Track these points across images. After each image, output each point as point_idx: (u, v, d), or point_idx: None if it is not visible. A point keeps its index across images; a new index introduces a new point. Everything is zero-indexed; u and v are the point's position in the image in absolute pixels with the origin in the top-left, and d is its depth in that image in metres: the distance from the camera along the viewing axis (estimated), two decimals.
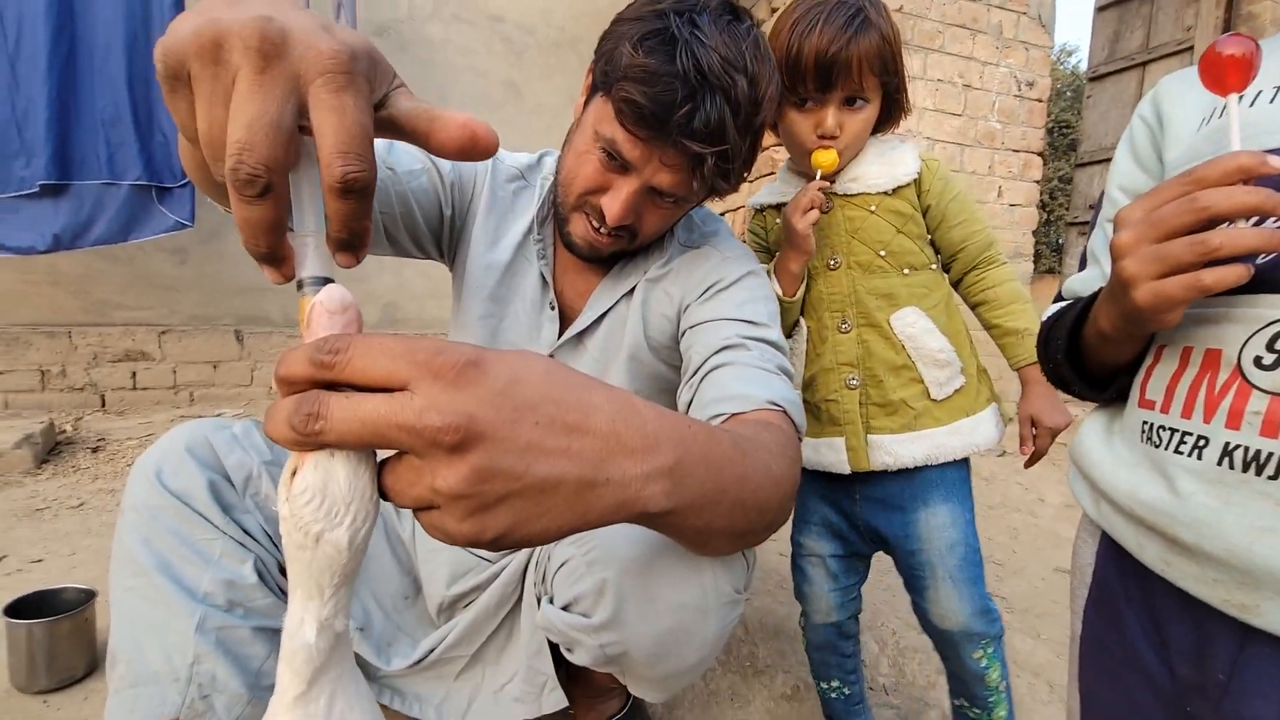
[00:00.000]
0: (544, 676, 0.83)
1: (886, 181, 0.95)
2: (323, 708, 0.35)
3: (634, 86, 0.68)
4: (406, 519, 0.96)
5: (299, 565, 0.34)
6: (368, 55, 0.35)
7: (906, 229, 0.96)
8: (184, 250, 3.03)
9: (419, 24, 3.39)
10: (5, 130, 2.34)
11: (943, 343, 0.94)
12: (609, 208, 0.76)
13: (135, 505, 0.73)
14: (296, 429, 0.31)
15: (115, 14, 2.38)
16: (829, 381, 0.98)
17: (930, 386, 0.94)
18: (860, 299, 0.96)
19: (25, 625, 1.03)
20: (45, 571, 1.49)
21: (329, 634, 0.35)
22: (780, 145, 2.88)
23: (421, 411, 0.31)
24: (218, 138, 0.32)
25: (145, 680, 0.67)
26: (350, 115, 0.32)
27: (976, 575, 0.94)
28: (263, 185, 0.31)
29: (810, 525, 1.04)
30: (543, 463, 0.35)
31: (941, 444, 0.93)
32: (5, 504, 1.88)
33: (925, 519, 0.94)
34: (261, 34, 0.31)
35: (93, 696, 1.05)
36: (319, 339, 0.33)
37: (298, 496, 0.32)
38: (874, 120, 0.94)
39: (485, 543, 0.35)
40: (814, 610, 1.05)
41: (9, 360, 2.74)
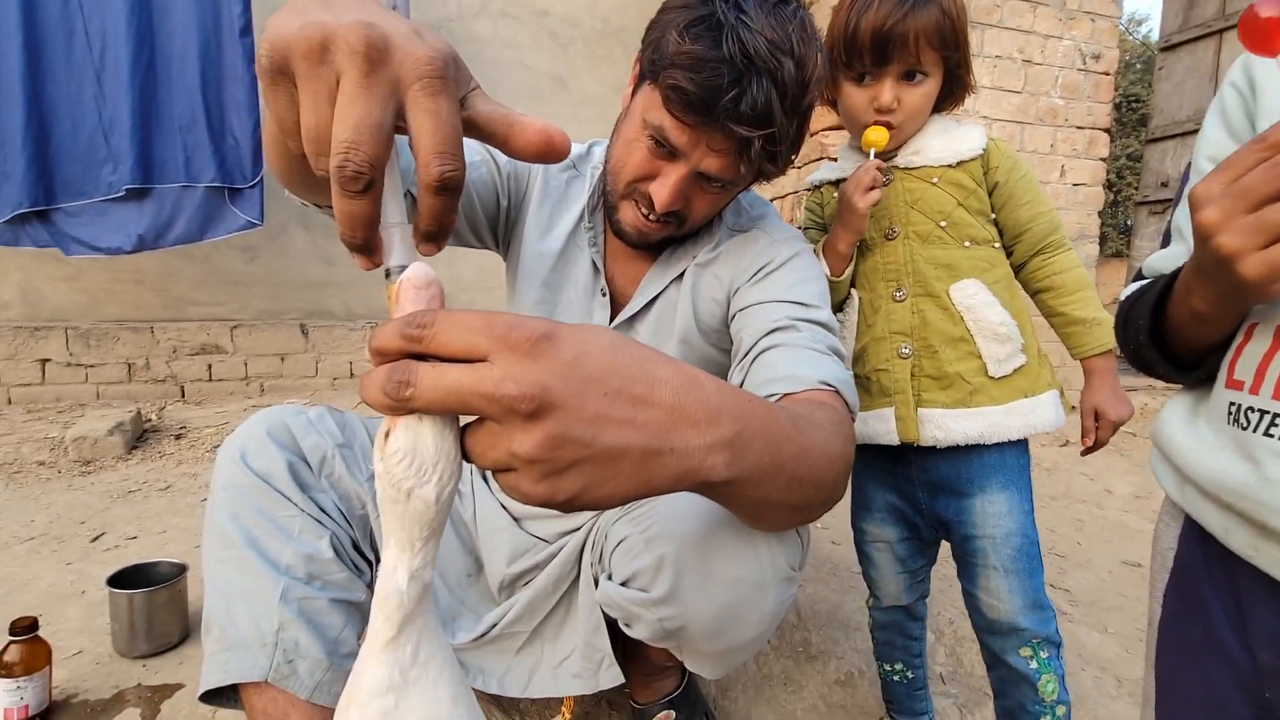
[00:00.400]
0: (601, 653, 0.85)
1: (950, 155, 0.93)
2: (409, 653, 0.38)
3: (680, 73, 0.69)
4: (468, 502, 1.00)
5: (392, 518, 0.37)
6: (455, 60, 0.37)
7: (968, 203, 0.93)
8: (253, 248, 3.19)
9: (467, 21, 3.46)
10: (93, 138, 2.51)
11: (1004, 316, 0.91)
12: (657, 194, 0.78)
13: (224, 484, 0.79)
14: (389, 395, 0.34)
15: (189, 24, 2.52)
16: (880, 351, 0.95)
17: (989, 362, 0.91)
18: (918, 268, 0.94)
19: (127, 595, 1.12)
20: (140, 547, 1.61)
21: (418, 583, 0.38)
22: (828, 131, 2.83)
23: (500, 381, 0.34)
24: (322, 134, 0.34)
25: (237, 644, 0.72)
26: (445, 118, 0.35)
27: (1033, 569, 0.91)
28: (366, 182, 0.34)
29: (872, 512, 1.02)
30: (610, 432, 0.37)
31: (997, 423, 0.90)
32: (101, 486, 2.04)
33: (981, 505, 0.92)
34: (366, 39, 0.33)
35: (186, 662, 1.13)
36: (408, 314, 0.36)
37: (391, 456, 0.35)
38: (935, 96, 0.92)
39: (557, 504, 0.38)
40: (882, 594, 1.04)
41: (100, 354, 2.95)
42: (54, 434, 2.38)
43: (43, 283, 2.92)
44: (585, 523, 0.90)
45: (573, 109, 3.67)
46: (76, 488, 2.03)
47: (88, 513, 1.83)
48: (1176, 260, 0.56)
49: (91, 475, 2.14)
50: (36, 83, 2.43)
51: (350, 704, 0.38)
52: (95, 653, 1.15)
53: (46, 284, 2.93)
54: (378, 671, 0.37)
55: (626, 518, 0.76)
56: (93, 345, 2.93)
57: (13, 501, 1.90)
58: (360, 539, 0.86)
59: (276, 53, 0.34)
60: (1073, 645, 1.36)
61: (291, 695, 0.72)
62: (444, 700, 0.39)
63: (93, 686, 1.06)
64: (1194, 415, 0.54)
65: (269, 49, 0.34)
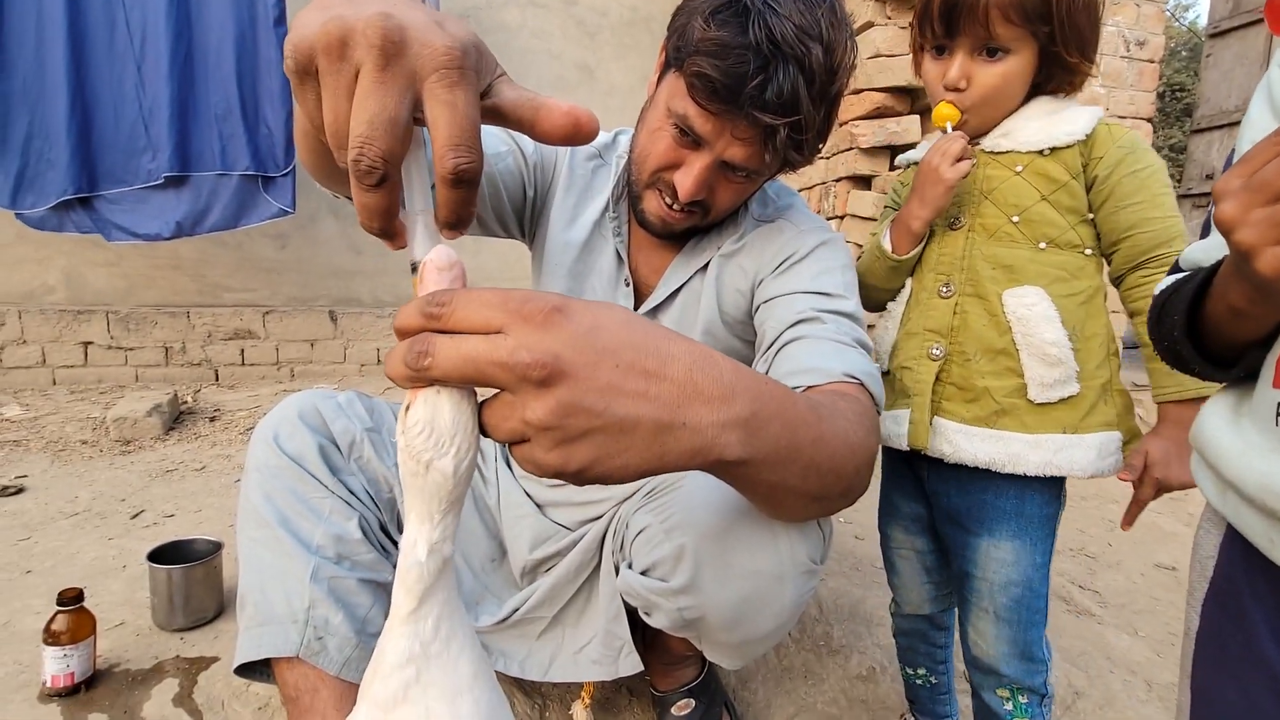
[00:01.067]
0: (621, 641, 0.86)
1: (1042, 140, 0.82)
2: (430, 627, 0.39)
3: (705, 60, 0.68)
4: (492, 488, 1.02)
5: (412, 491, 0.38)
6: (476, 49, 0.37)
7: (1055, 197, 0.81)
8: (284, 235, 3.25)
9: (496, 10, 3.46)
10: (134, 127, 2.58)
11: (1059, 335, 0.79)
12: (681, 184, 0.77)
13: (257, 465, 0.81)
14: (409, 365, 0.36)
15: (225, 15, 2.57)
16: (909, 347, 0.88)
17: (1030, 384, 0.80)
18: (973, 265, 0.84)
19: (165, 570, 1.16)
20: (177, 525, 1.67)
21: (437, 557, 0.39)
22: (858, 120, 2.77)
23: (513, 350, 0.35)
24: (342, 129, 0.34)
25: (270, 620, 0.75)
26: (461, 110, 0.35)
27: (1030, 620, 0.84)
28: (380, 176, 0.34)
29: (896, 520, 0.98)
30: (621, 403, 0.38)
31: (1016, 454, 0.80)
32: (140, 466, 2.11)
33: (986, 548, 0.84)
34: (383, 32, 0.33)
35: (221, 636, 1.17)
36: (428, 294, 0.37)
37: (411, 428, 0.37)
38: (1023, 77, 0.81)
39: (569, 474, 0.38)
40: (905, 601, 1.00)
41: (139, 338, 3.04)
42: (96, 414, 2.46)
43: (85, 268, 3.02)
44: (607, 511, 0.91)
45: (600, 98, 3.66)
46: (117, 466, 2.10)
47: (128, 490, 1.90)
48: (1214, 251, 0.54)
49: (131, 454, 2.22)
50: (80, 74, 2.50)
51: (374, 676, 0.40)
52: (136, 624, 1.19)
53: (89, 269, 3.02)
54: (399, 644, 0.39)
55: (647, 507, 0.76)
56: (132, 329, 3.02)
57: (58, 478, 1.98)
58: (387, 521, 0.87)
59: (300, 53, 0.35)
60: (1101, 647, 1.34)
61: (321, 671, 0.74)
62: (464, 674, 0.40)
63: (134, 657, 1.10)
64: (1237, 416, 0.52)
65: (292, 50, 0.35)
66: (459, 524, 0.40)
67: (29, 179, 2.52)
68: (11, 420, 2.44)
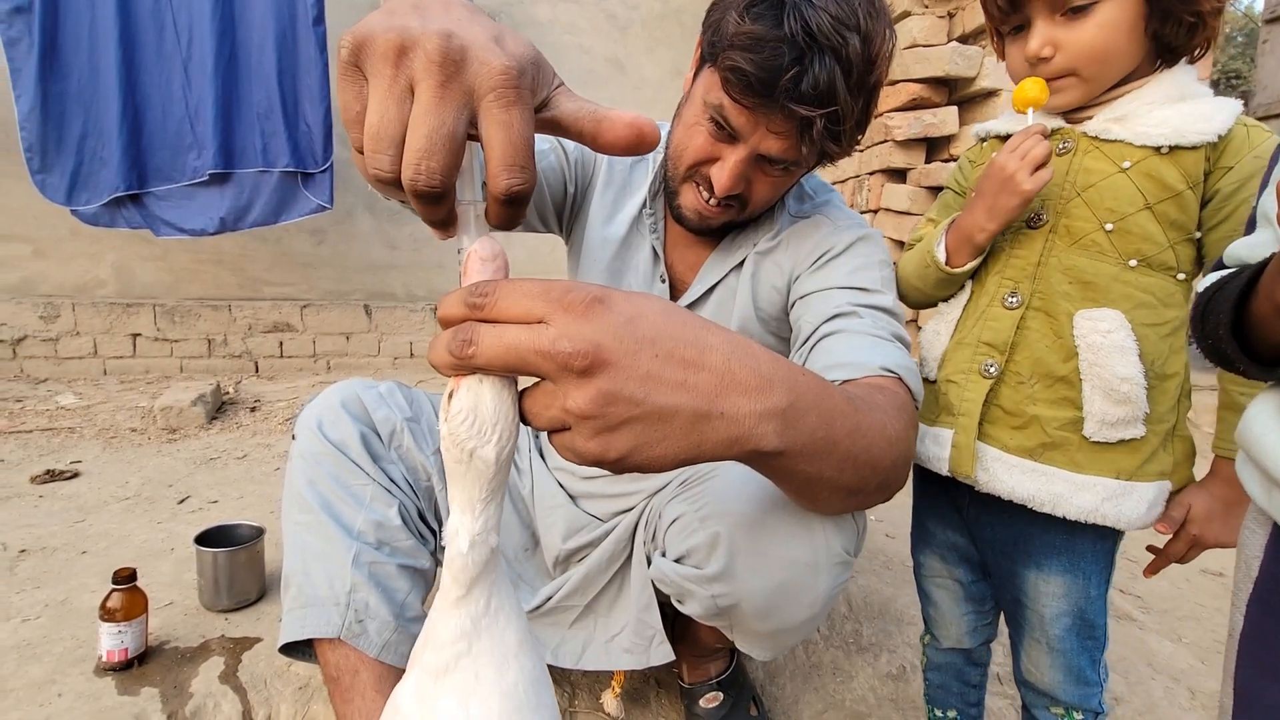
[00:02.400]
0: (652, 630, 0.87)
1: (1167, 134, 0.67)
2: (481, 605, 0.41)
3: (740, 54, 0.68)
4: (526, 479, 1.03)
5: (455, 479, 0.39)
6: (533, 65, 0.37)
7: (1161, 208, 0.68)
8: (321, 231, 3.32)
9: (528, 6, 3.48)
10: (180, 126, 2.66)
11: (1135, 372, 0.68)
12: (718, 178, 0.77)
13: (301, 452, 0.84)
14: (453, 353, 0.37)
15: (266, 16, 2.63)
16: (959, 358, 0.79)
17: (1088, 419, 0.70)
18: (1048, 275, 0.73)
19: (211, 553, 1.20)
20: (221, 510, 1.72)
21: (481, 549, 0.40)
22: (893, 113, 2.72)
23: (555, 339, 0.36)
24: (385, 132, 0.34)
25: (313, 602, 0.77)
26: (516, 130, 0.35)
27: (1084, 647, 0.78)
28: (437, 195, 0.35)
29: (933, 546, 0.91)
30: (661, 392, 0.38)
31: (1059, 495, 0.71)
32: (186, 453, 2.19)
33: (1035, 580, 0.79)
34: (444, 50, 0.34)
35: (264, 618, 1.21)
36: (472, 284, 0.38)
37: (454, 416, 0.38)
38: (1125, 27, 0.66)
39: (609, 463, 0.39)
40: (942, 634, 0.92)
41: (184, 330, 3.14)
42: (144, 403, 2.56)
43: (134, 262, 3.13)
44: (639, 503, 0.91)
45: (631, 92, 3.66)
46: (164, 453, 2.18)
47: (174, 477, 1.97)
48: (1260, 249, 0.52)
49: (177, 442, 2.30)
50: (131, 75, 2.59)
51: (426, 647, 0.41)
52: (184, 605, 1.24)
53: (137, 263, 3.14)
54: (451, 622, 0.40)
55: (681, 496, 0.76)
56: (177, 321, 3.13)
57: (110, 464, 2.06)
58: (425, 509, 0.89)
59: (356, 46, 0.35)
60: (1142, 654, 1.30)
61: (362, 653, 0.76)
62: (511, 643, 0.41)
63: (182, 635, 1.15)
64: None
65: (351, 41, 0.35)
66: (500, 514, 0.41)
67: (83, 177, 2.62)
68: (67, 408, 2.55)
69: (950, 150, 2.58)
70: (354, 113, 0.37)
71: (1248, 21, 9.23)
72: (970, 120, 2.56)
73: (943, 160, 2.60)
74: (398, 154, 0.34)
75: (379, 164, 0.35)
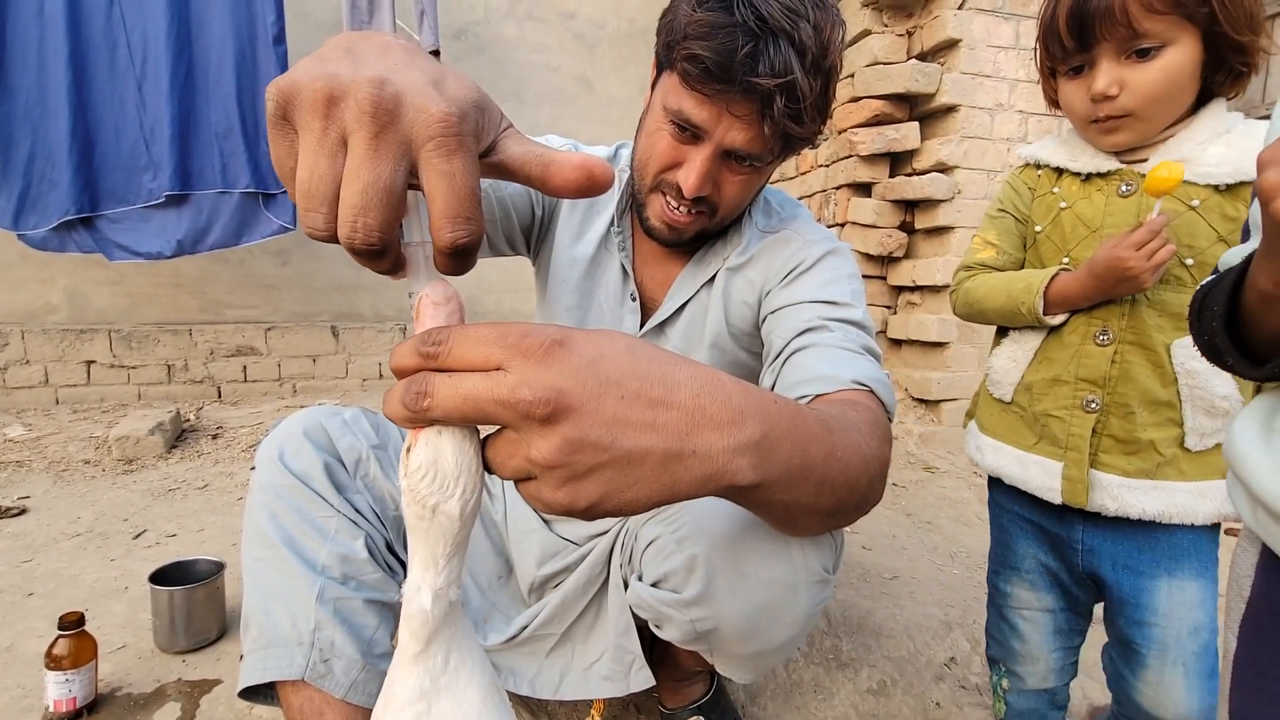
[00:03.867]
0: (632, 655, 0.85)
1: (1229, 172, 0.71)
2: (440, 662, 0.39)
3: (695, 43, 0.69)
4: (499, 503, 1.01)
5: (417, 535, 0.37)
6: (476, 109, 0.35)
7: (1233, 239, 0.73)
8: (285, 252, 3.25)
9: (495, 24, 3.49)
10: (135, 147, 2.59)
11: (1232, 389, 0.74)
12: (685, 180, 0.76)
13: (262, 484, 0.80)
14: (408, 406, 0.35)
15: (225, 33, 2.59)
16: (1058, 395, 0.82)
17: (1189, 434, 0.76)
18: (1139, 311, 0.77)
19: (167, 591, 1.15)
20: (179, 545, 1.65)
21: (443, 602, 0.38)
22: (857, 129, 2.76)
23: (514, 387, 0.34)
24: (316, 189, 0.33)
25: (275, 643, 0.73)
26: (459, 180, 0.33)
27: (1215, 668, 0.77)
28: (376, 252, 0.33)
29: (1022, 573, 0.89)
30: (629, 435, 0.37)
31: (1184, 505, 0.75)
32: (143, 485, 2.10)
33: (1168, 590, 0.78)
34: (377, 99, 0.32)
35: (224, 658, 1.16)
36: (424, 332, 0.36)
37: (414, 472, 0.36)
38: (1187, 71, 0.71)
39: (579, 511, 0.37)
40: (1028, 673, 0.89)
41: (141, 355, 3.04)
42: (98, 433, 2.46)
43: (88, 287, 3.02)
44: (614, 525, 0.90)
45: (599, 110, 3.68)
46: (120, 486, 2.09)
47: (130, 510, 1.88)
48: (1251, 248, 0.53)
49: (134, 474, 2.21)
50: (81, 93, 2.51)
51: (385, 713, 0.39)
52: (138, 647, 1.18)
53: (91, 288, 3.03)
54: (409, 681, 0.38)
55: (657, 519, 0.75)
56: (134, 347, 3.02)
57: (60, 499, 1.97)
58: (394, 540, 0.86)
59: (283, 98, 0.33)
60: None
61: (327, 694, 0.73)
62: (473, 703, 0.39)
63: (136, 680, 1.09)
64: (1268, 431, 0.50)
65: (276, 93, 0.33)
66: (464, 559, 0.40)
67: (31, 200, 2.53)
68: (14, 440, 2.43)
69: (913, 164, 2.65)
70: (287, 168, 0.34)
71: None
72: (931, 135, 2.62)
73: (905, 174, 2.66)
74: (331, 211, 0.33)
75: (313, 222, 0.33)
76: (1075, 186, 0.83)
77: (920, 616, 1.35)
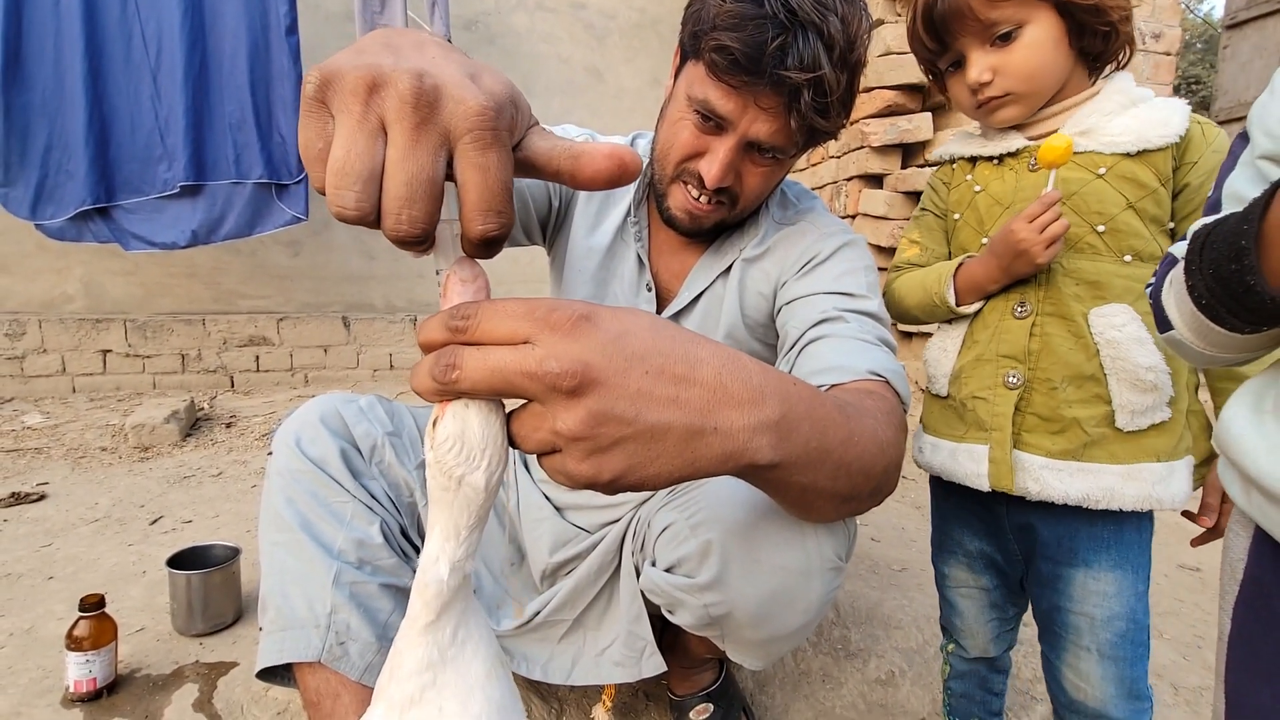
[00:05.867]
0: (643, 642, 0.85)
1: (1132, 140, 0.73)
2: (448, 634, 0.39)
3: (724, 34, 0.69)
4: (512, 491, 1.01)
5: (441, 507, 0.38)
6: (511, 103, 0.36)
7: (1141, 205, 0.73)
8: (297, 243, 3.28)
9: (505, 15, 3.48)
10: (150, 138, 2.61)
11: (1156, 359, 0.71)
12: (707, 170, 0.76)
13: (279, 470, 0.81)
14: (436, 379, 0.35)
15: (239, 25, 2.60)
16: (980, 374, 0.80)
17: (1119, 412, 0.73)
18: (1054, 281, 0.76)
19: (185, 575, 1.17)
20: (195, 531, 1.68)
21: (459, 574, 0.39)
22: (869, 119, 2.75)
23: (542, 359, 0.34)
24: (351, 166, 0.32)
25: (292, 625, 0.75)
26: (493, 174, 0.34)
27: (1137, 655, 0.77)
28: (418, 240, 0.34)
29: (958, 557, 0.90)
30: (652, 410, 0.37)
31: (1111, 488, 0.73)
32: (159, 472, 2.13)
33: (1083, 580, 0.77)
34: (418, 90, 0.32)
35: (240, 641, 1.18)
36: (452, 306, 0.37)
37: (441, 444, 0.36)
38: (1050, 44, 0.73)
39: (602, 484, 0.38)
40: (968, 643, 0.91)
41: (156, 345, 3.07)
42: (114, 421, 2.49)
43: (103, 277, 3.06)
44: (626, 513, 0.90)
45: (609, 101, 3.67)
46: (136, 473, 2.12)
47: (146, 497, 1.91)
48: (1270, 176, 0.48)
49: (149, 461, 2.24)
50: (97, 85, 2.53)
51: (390, 680, 0.40)
52: (156, 630, 1.20)
53: (107, 278, 3.06)
54: (417, 652, 0.39)
55: (670, 505, 0.76)
56: (149, 337, 3.06)
57: (79, 485, 2.00)
58: (408, 526, 0.87)
59: (324, 80, 0.34)
60: None
61: (343, 676, 0.74)
62: (478, 673, 0.40)
63: (154, 662, 1.11)
64: (1259, 413, 0.50)
65: (318, 76, 0.34)
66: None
67: (48, 190, 2.56)
68: (33, 428, 2.47)
69: (925, 155, 2.62)
70: (316, 150, 0.34)
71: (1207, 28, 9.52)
72: (944, 126, 2.60)
73: (918, 165, 2.64)
74: (364, 189, 0.33)
75: (343, 200, 0.32)
76: (989, 171, 0.83)
77: (929, 608, 1.35)
